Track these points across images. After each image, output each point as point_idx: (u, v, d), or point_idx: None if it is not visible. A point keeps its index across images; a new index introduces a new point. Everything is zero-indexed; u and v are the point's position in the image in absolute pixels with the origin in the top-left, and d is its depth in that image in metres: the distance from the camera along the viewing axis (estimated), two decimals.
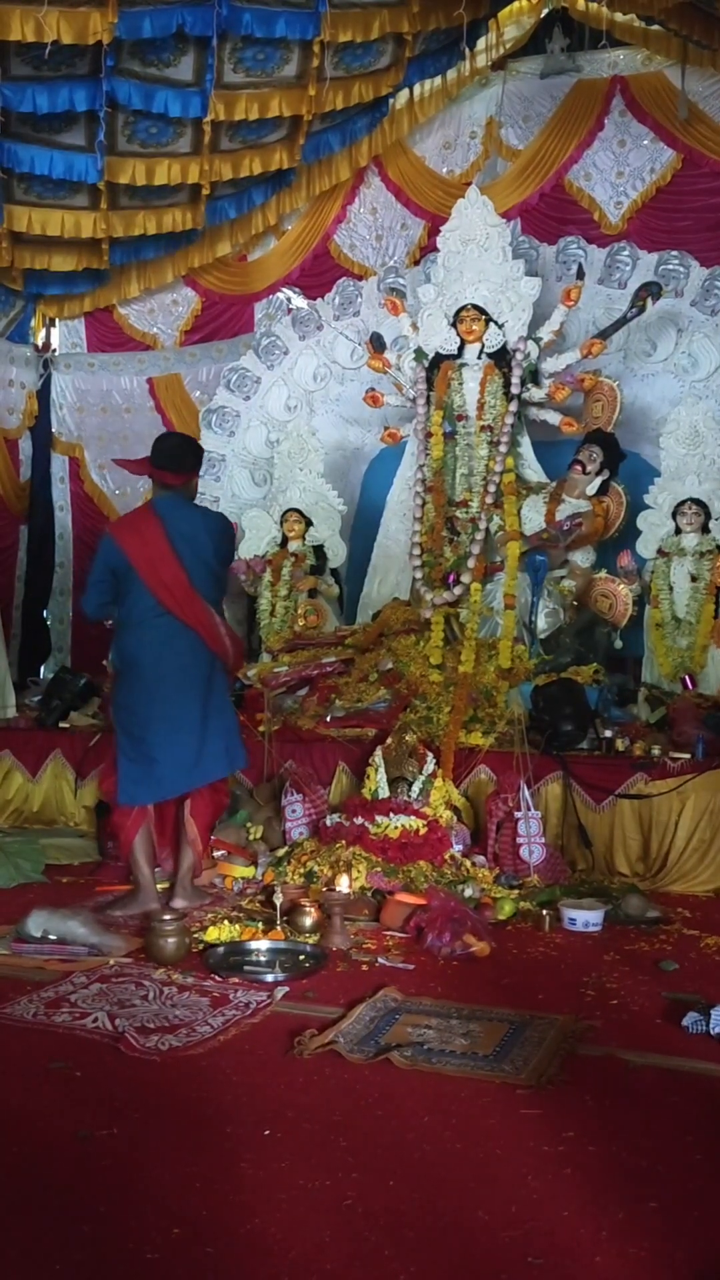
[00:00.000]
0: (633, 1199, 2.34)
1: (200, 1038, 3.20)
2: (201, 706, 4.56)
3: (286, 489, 7.67)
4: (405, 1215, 2.27)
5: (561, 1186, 2.39)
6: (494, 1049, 3.14)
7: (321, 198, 8.68)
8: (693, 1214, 2.30)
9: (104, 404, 9.55)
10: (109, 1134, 2.63)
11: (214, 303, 9.21)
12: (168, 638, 4.53)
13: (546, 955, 4.13)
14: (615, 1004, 3.57)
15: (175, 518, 4.57)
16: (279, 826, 5.44)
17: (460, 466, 6.96)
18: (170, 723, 4.54)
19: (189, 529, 4.56)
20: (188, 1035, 3.22)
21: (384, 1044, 3.14)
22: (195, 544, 4.55)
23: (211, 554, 4.59)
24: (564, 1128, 2.66)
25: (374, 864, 4.78)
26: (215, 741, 4.61)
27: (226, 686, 4.74)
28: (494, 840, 5.15)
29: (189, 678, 4.55)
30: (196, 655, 4.55)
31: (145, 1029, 3.25)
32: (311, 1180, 2.40)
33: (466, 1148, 2.57)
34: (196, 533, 4.56)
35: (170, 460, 4.65)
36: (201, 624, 4.53)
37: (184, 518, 4.60)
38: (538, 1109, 2.76)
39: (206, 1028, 3.28)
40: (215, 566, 4.61)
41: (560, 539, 6.54)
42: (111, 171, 7.54)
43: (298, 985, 3.70)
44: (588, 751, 5.52)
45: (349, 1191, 2.35)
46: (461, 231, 7.10)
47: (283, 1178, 2.42)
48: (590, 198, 8.10)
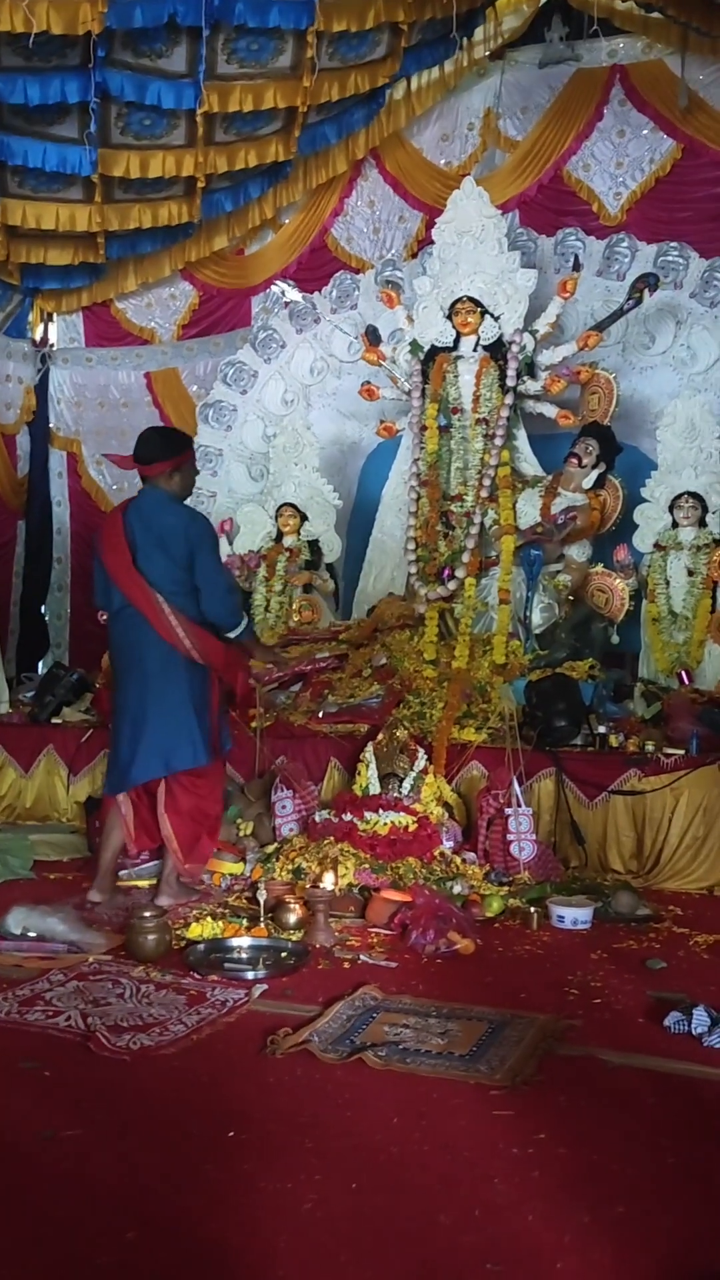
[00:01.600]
0: (600, 1203, 2.29)
1: (173, 1037, 3.17)
2: (150, 700, 4.54)
3: (282, 484, 7.64)
4: (365, 1219, 2.22)
5: (528, 1190, 2.34)
6: (470, 1049, 3.09)
7: (318, 190, 8.64)
8: (660, 1219, 2.25)
9: (101, 398, 9.52)
10: (73, 1134, 2.59)
11: (211, 297, 9.18)
12: (131, 630, 4.60)
13: (532, 953, 4.08)
14: (599, 1003, 3.53)
15: (141, 512, 4.58)
16: (269, 823, 5.40)
17: (455, 460, 6.91)
18: (125, 714, 4.65)
19: (156, 524, 4.53)
20: (160, 1034, 3.18)
21: (359, 1043, 3.10)
22: (160, 540, 4.51)
23: (180, 552, 4.52)
24: (535, 1129, 2.61)
25: (362, 860, 4.74)
26: (153, 738, 4.55)
27: (191, 684, 4.59)
28: (485, 837, 5.10)
29: (144, 671, 4.57)
30: (154, 649, 4.53)
31: (118, 1028, 3.22)
32: (273, 1183, 2.36)
33: (434, 1150, 2.52)
34: (162, 529, 4.52)
35: (141, 450, 4.68)
36: (156, 620, 4.50)
37: (152, 512, 4.57)
38: (510, 1110, 2.72)
39: (180, 1026, 3.25)
40: (183, 563, 4.52)
41: (556, 533, 6.49)
42: (105, 164, 7.50)
43: (277, 983, 3.67)
44: (581, 747, 5.47)
45: (310, 1195, 2.31)
46: (457, 223, 7.05)
47: (245, 1180, 2.38)
48: (589, 189, 8.03)
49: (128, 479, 9.16)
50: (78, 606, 9.52)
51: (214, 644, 4.63)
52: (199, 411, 8.32)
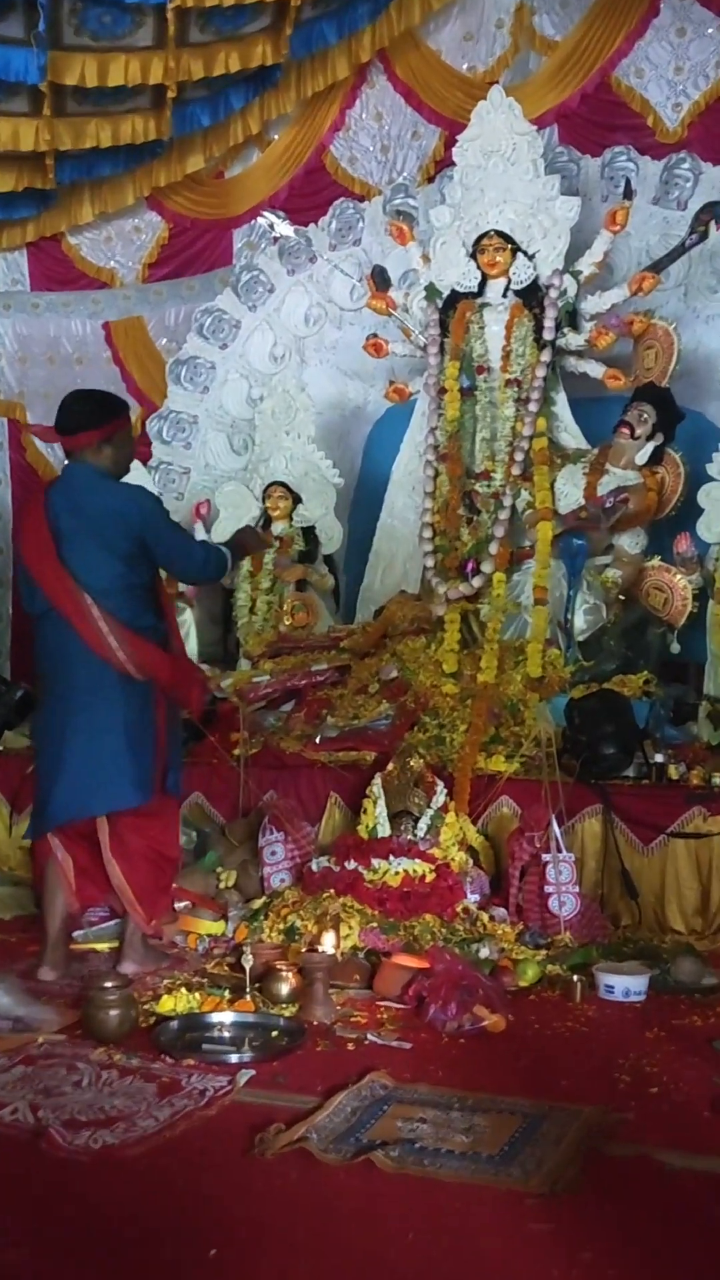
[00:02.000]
0: None
1: (141, 1133, 3.18)
2: (74, 725, 4.52)
3: (270, 457, 7.68)
4: None
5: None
6: (501, 1148, 3.11)
7: (314, 101, 8.70)
8: None
9: (51, 353, 9.56)
10: (19, 1254, 2.62)
11: (184, 230, 9.25)
12: (54, 639, 4.55)
13: (575, 1031, 4.10)
14: (655, 1092, 3.54)
15: (68, 495, 4.55)
16: (256, 872, 5.43)
17: (481, 429, 6.95)
18: (46, 741, 4.65)
19: (85, 508, 4.49)
20: (126, 1130, 3.20)
21: (366, 1142, 3.12)
22: (92, 528, 4.46)
23: (120, 541, 4.47)
24: (581, 1246, 2.63)
25: (369, 918, 4.77)
26: (74, 772, 4.52)
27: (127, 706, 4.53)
28: (517, 889, 5.13)
29: (68, 689, 4.54)
30: (81, 663, 4.48)
31: (75, 1123, 3.24)
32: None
33: (460, 1270, 2.54)
34: (94, 515, 4.47)
35: (63, 418, 4.64)
36: (83, 626, 4.44)
37: (80, 494, 4.53)
38: (550, 1223, 2.74)
39: (150, 1121, 3.26)
40: (124, 555, 4.48)
41: (603, 518, 6.51)
42: (56, 70, 7.56)
43: (267, 1068, 3.69)
44: (634, 780, 5.50)
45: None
46: (483, 141, 7.10)
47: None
48: (642, 99, 8.10)
49: None
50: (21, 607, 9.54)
51: (156, 656, 4.54)
52: (169, 370, 8.36)
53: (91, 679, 4.49)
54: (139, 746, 4.55)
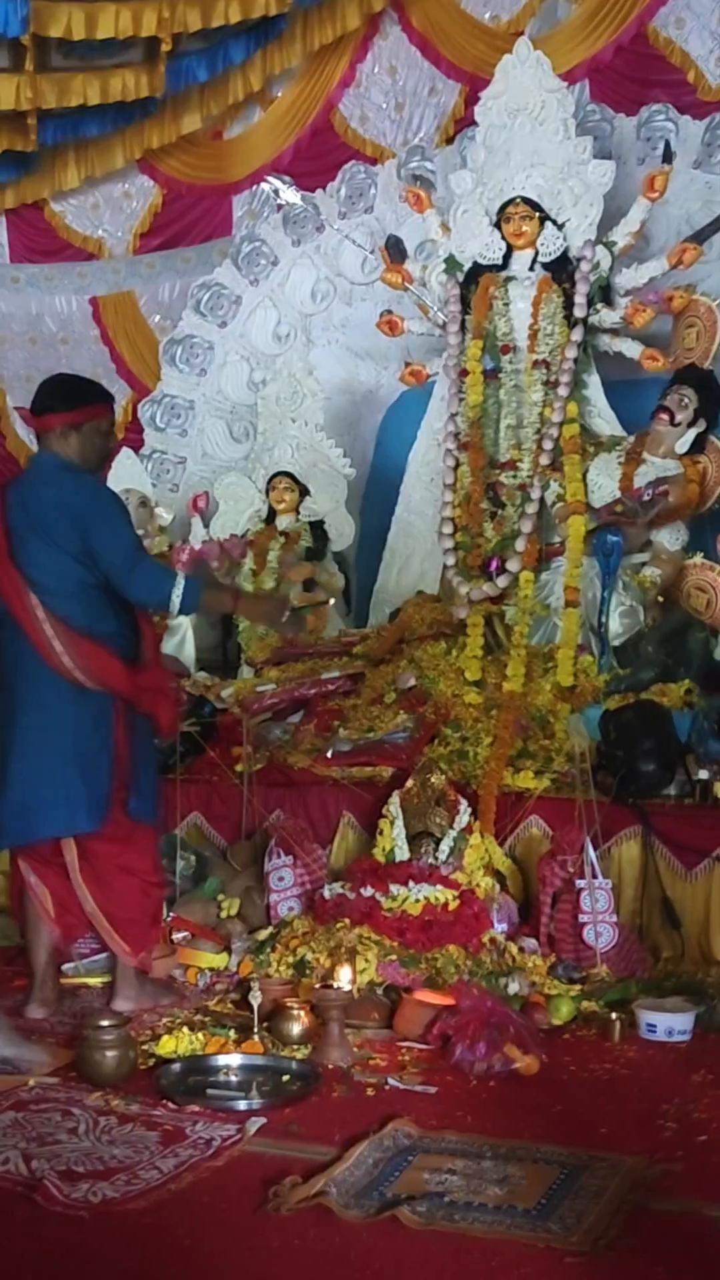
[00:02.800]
0: None
1: (144, 1186, 3.20)
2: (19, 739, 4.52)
3: (274, 446, 7.70)
4: None
5: None
6: (538, 1201, 3.13)
7: (322, 54, 8.75)
8: None
9: (32, 331, 9.62)
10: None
11: (179, 195, 9.29)
12: (8, 645, 4.53)
13: (615, 1074, 4.11)
14: (704, 1141, 3.55)
15: (21, 487, 4.59)
16: (261, 900, 5.44)
17: (506, 415, 6.95)
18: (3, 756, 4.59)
19: (33, 501, 4.47)
20: (128, 1183, 3.22)
21: (391, 1196, 3.14)
22: (38, 523, 4.43)
23: (66, 537, 4.41)
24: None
25: (387, 951, 4.76)
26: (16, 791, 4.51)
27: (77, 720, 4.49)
28: (549, 918, 5.14)
29: (16, 699, 4.54)
30: (29, 671, 4.47)
31: (72, 1174, 3.26)
32: None
33: None
34: (41, 508, 4.44)
35: (34, 399, 4.69)
36: (31, 631, 4.41)
37: (32, 485, 4.55)
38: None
39: (153, 1172, 3.28)
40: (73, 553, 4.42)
41: (640, 512, 6.52)
42: (40, 21, 7.60)
43: (278, 1116, 3.70)
44: (676, 799, 5.51)
45: None
46: (508, 98, 7.10)
47: None
48: (682, 52, 8.12)
49: None
50: None
51: (110, 665, 4.47)
52: (163, 349, 8.39)
53: (41, 689, 4.47)
54: (89, 766, 4.49)
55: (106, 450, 4.80)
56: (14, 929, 5.68)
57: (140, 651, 4.64)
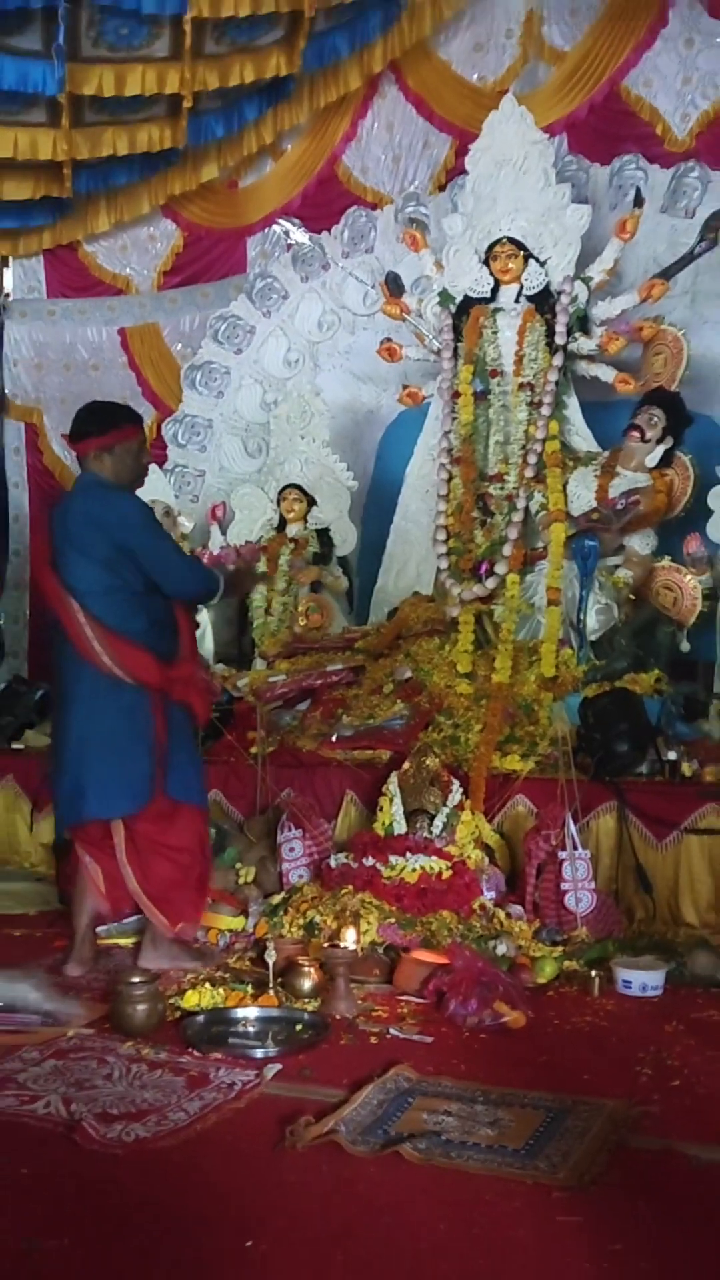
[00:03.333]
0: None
1: (172, 1126, 3.18)
2: (68, 732, 4.55)
3: (285, 461, 7.68)
4: None
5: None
6: (527, 1141, 3.10)
7: (327, 112, 8.69)
8: None
9: (67, 359, 9.58)
10: (59, 1243, 2.61)
11: (199, 238, 9.25)
12: (55, 646, 4.61)
13: (594, 1025, 4.09)
14: (677, 1085, 3.53)
15: (63, 503, 4.62)
16: (274, 868, 5.42)
17: (494, 433, 6.94)
18: (52, 747, 4.71)
19: (70, 516, 4.50)
20: (158, 1123, 3.19)
21: (394, 1134, 3.12)
22: (74, 535, 4.45)
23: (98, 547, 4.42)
24: (610, 1239, 2.62)
25: (387, 914, 4.76)
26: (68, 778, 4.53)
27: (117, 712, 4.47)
28: (533, 886, 5.11)
29: (64, 696, 4.59)
30: (73, 669, 4.50)
31: (107, 1116, 3.23)
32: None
33: (490, 1263, 2.53)
34: (77, 521, 4.47)
35: (72, 425, 4.68)
36: (73, 632, 4.44)
37: (71, 502, 4.58)
38: (578, 1215, 2.73)
39: (181, 1114, 3.26)
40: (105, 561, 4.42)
41: (615, 520, 6.50)
42: (74, 81, 7.56)
43: (292, 1061, 3.68)
44: (648, 777, 5.49)
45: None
46: (495, 150, 7.09)
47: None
48: (651, 108, 8.06)
49: None
50: (38, 609, 9.50)
51: (144, 661, 4.46)
52: (184, 375, 8.37)
53: (84, 684, 4.48)
54: (127, 753, 4.46)
55: (140, 467, 4.73)
56: (54, 895, 5.68)
57: (175, 646, 4.61)
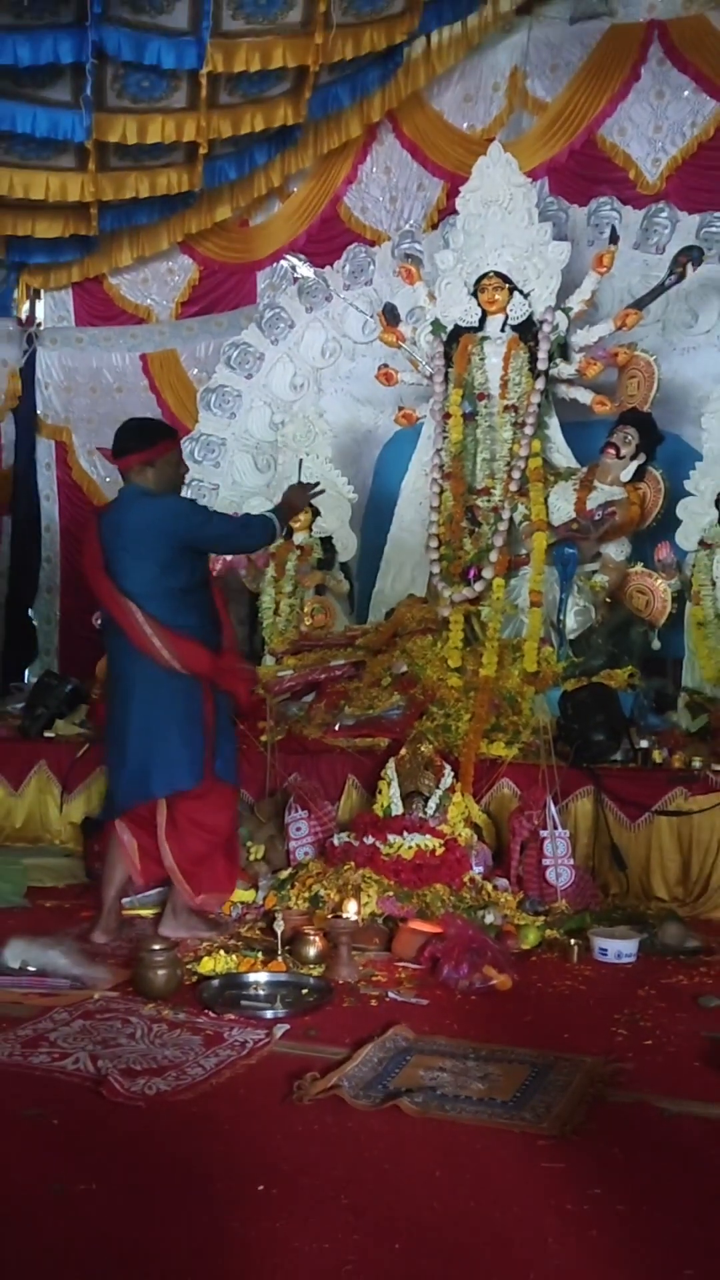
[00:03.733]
0: (665, 1266, 2.30)
1: (191, 1081, 3.17)
2: (130, 719, 4.55)
3: (291, 475, 7.59)
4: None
5: (585, 1251, 2.35)
6: (514, 1094, 3.10)
7: (330, 157, 8.67)
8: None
9: (93, 383, 9.56)
10: (86, 1188, 2.60)
11: (213, 272, 9.23)
12: (112, 644, 4.65)
13: (574, 989, 4.09)
14: (649, 1044, 3.53)
15: (112, 513, 4.61)
16: (282, 846, 5.40)
17: (482, 450, 6.91)
18: (110, 735, 4.71)
19: (124, 524, 4.50)
20: (177, 1078, 3.19)
21: (393, 1089, 3.11)
22: (130, 542, 4.46)
23: (158, 550, 4.45)
24: (589, 1184, 2.62)
25: (385, 888, 4.74)
26: (133, 761, 4.56)
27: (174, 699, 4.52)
28: (518, 862, 5.10)
29: (124, 687, 4.60)
30: (132, 663, 4.53)
31: (131, 1071, 3.22)
32: (309, 1243, 2.36)
33: (481, 1206, 2.53)
34: (132, 529, 4.47)
35: (114, 442, 4.68)
36: (131, 630, 4.48)
37: (121, 512, 4.56)
38: (561, 1162, 2.72)
39: (198, 1070, 3.25)
40: (163, 563, 4.46)
41: (592, 530, 6.49)
42: (100, 129, 7.53)
43: (299, 1022, 3.68)
44: (621, 764, 5.47)
45: (350, 1256, 2.31)
46: (483, 192, 7.06)
47: (277, 1239, 2.38)
48: (625, 154, 8.06)
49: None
50: (68, 610, 9.52)
51: (197, 652, 4.52)
52: (200, 397, 8.34)
53: (143, 678, 4.52)
54: (187, 735, 4.55)
55: (179, 476, 4.75)
56: (81, 870, 5.66)
57: (220, 639, 4.67)
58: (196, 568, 4.64)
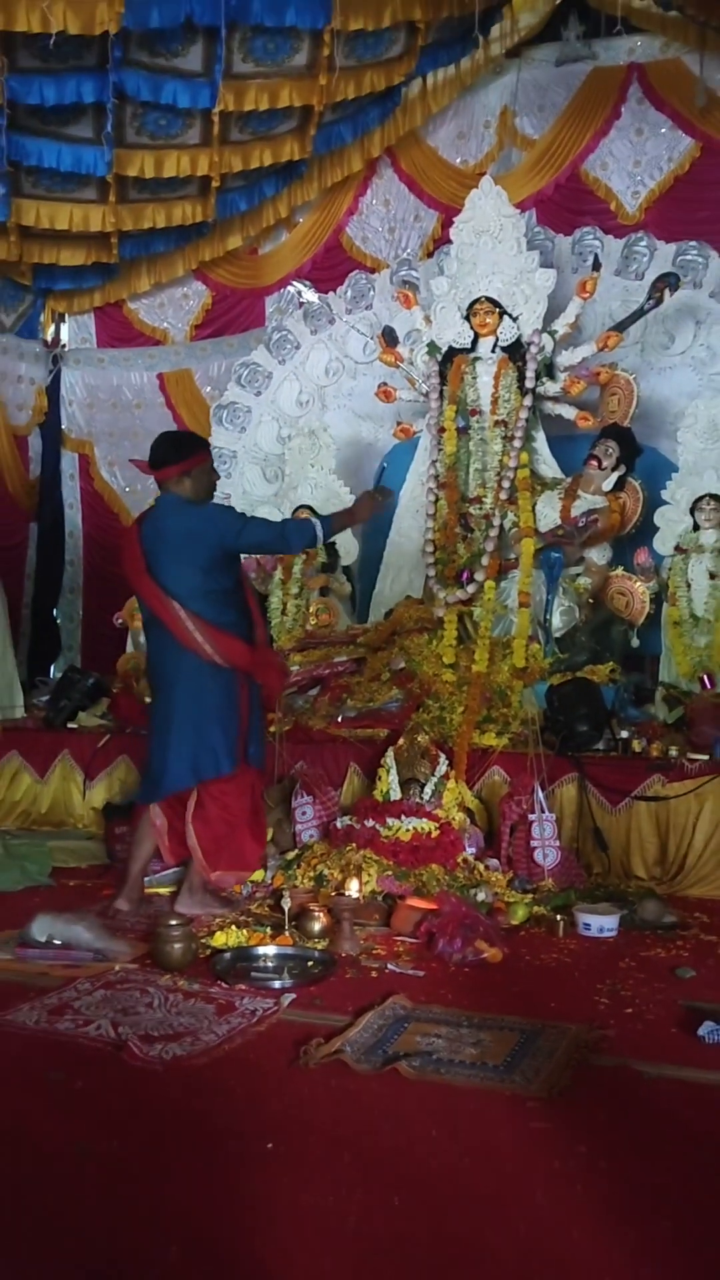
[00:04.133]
0: (646, 1218, 2.29)
1: (204, 1046, 3.16)
2: (175, 710, 4.55)
3: (298, 485, 7.65)
4: (410, 1236, 2.22)
5: (572, 1205, 2.34)
6: (504, 1059, 3.09)
7: (333, 190, 8.65)
8: (709, 1233, 2.24)
9: (114, 400, 9.54)
10: (107, 1147, 2.59)
11: (225, 297, 9.20)
12: (156, 641, 4.64)
13: (560, 961, 4.08)
14: (630, 1012, 3.52)
15: (154, 520, 4.59)
16: (289, 829, 5.39)
17: (474, 462, 6.90)
18: (155, 725, 4.69)
19: (167, 531, 4.50)
20: (191, 1044, 3.18)
21: (392, 1054, 3.10)
22: (174, 546, 4.47)
23: (200, 554, 4.46)
24: (575, 1142, 2.61)
25: (385, 867, 4.74)
26: (181, 748, 4.54)
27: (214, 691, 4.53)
28: (508, 843, 5.10)
29: (169, 681, 4.59)
30: (176, 658, 4.53)
31: (149, 1037, 3.21)
32: (314, 1198, 2.35)
33: (474, 1163, 2.52)
34: (175, 535, 4.48)
35: (152, 455, 4.67)
36: (176, 628, 4.48)
37: (163, 519, 4.55)
38: (548, 1122, 2.71)
39: (211, 1036, 3.24)
40: (204, 566, 4.47)
41: (576, 535, 6.47)
42: (120, 164, 7.52)
43: (305, 992, 3.67)
44: (604, 752, 5.46)
45: (353, 1210, 2.31)
46: (475, 223, 7.05)
47: (285, 1195, 2.37)
48: (607, 187, 8.05)
49: (140, 481, 9.17)
50: (90, 609, 9.52)
51: (237, 647, 4.55)
52: (213, 413, 8.32)
53: (187, 671, 4.52)
54: (227, 723, 4.57)
55: (212, 484, 4.76)
56: (103, 852, 5.65)
57: (254, 634, 4.68)
58: (234, 569, 4.65)
